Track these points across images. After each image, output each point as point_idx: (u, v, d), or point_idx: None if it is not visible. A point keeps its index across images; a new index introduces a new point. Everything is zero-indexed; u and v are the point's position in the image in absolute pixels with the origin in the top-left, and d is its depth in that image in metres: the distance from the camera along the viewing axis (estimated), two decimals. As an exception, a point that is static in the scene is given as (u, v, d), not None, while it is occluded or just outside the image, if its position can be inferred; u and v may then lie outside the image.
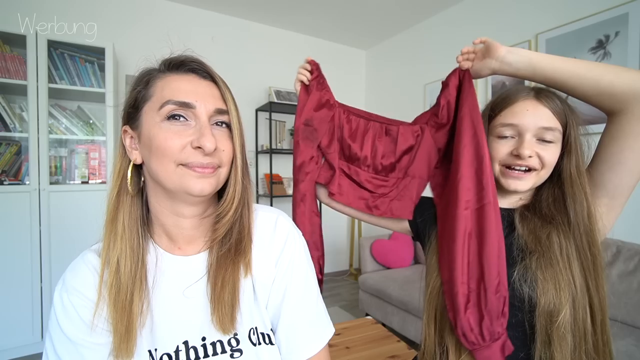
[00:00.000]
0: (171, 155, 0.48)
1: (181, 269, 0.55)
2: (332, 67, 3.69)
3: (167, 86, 0.50)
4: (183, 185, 0.49)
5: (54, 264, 2.11)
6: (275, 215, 0.63)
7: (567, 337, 0.58)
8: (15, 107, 2.15)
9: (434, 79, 3.03)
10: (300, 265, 0.61)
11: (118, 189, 0.53)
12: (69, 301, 0.50)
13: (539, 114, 0.64)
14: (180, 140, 0.48)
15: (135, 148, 0.53)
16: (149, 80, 0.52)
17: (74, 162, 2.30)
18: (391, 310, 2.33)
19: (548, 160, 0.64)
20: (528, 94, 0.67)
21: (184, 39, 2.82)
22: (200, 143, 0.48)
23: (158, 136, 0.48)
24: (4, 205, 2.00)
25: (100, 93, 2.27)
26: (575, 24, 2.07)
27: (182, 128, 0.49)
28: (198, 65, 0.53)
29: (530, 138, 0.64)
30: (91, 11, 2.50)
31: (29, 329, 2.06)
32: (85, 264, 0.53)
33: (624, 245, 1.76)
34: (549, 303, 0.59)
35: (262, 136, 3.27)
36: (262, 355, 0.55)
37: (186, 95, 0.49)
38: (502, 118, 0.68)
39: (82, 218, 2.16)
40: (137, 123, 0.52)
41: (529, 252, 0.64)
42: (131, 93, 0.53)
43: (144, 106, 0.51)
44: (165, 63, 0.53)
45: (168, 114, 0.49)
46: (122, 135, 0.54)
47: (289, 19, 3.19)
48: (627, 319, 1.63)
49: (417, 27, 3.25)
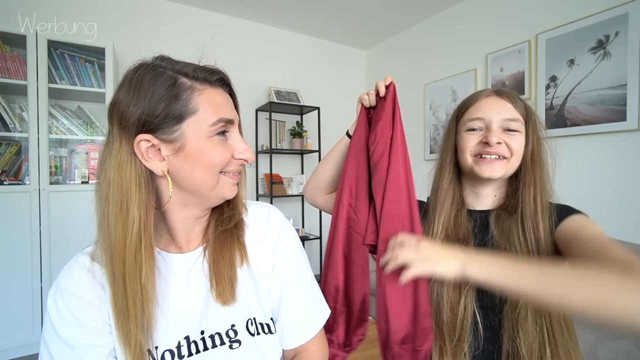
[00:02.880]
0: (221, 166, 0.52)
1: (179, 266, 0.57)
2: (332, 67, 3.69)
3: (211, 102, 0.51)
4: (221, 193, 0.54)
5: (54, 264, 2.11)
6: (266, 209, 0.67)
7: (529, 320, 0.61)
8: (15, 107, 2.15)
9: (434, 79, 3.03)
10: (295, 253, 0.66)
11: (138, 203, 0.47)
12: (64, 304, 0.50)
13: (501, 108, 0.69)
14: (228, 153, 0.53)
15: (159, 159, 0.49)
16: (179, 92, 0.48)
17: (74, 162, 2.30)
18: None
19: (515, 147, 0.68)
20: (490, 92, 0.72)
21: (184, 39, 2.82)
22: (244, 156, 0.55)
23: (212, 151, 0.51)
24: (4, 205, 2.00)
25: (100, 93, 2.27)
26: (575, 24, 2.07)
27: (224, 141, 0.53)
28: (227, 80, 0.55)
29: (497, 128, 0.69)
30: (91, 11, 2.49)
31: (28, 329, 2.06)
32: (79, 267, 0.53)
33: (623, 246, 1.76)
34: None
35: (262, 136, 3.27)
36: (261, 344, 0.57)
37: (229, 113, 0.53)
38: (469, 114, 0.73)
39: (82, 218, 2.16)
40: (176, 135, 0.49)
41: (502, 252, 0.66)
42: (153, 100, 0.47)
43: (187, 119, 0.49)
44: (194, 74, 0.50)
45: (219, 129, 0.51)
46: (132, 145, 0.48)
47: (289, 19, 3.19)
48: (627, 319, 1.63)
49: (417, 27, 3.25)
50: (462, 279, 0.53)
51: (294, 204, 3.44)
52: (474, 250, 0.56)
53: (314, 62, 3.58)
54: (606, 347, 1.43)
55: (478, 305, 0.66)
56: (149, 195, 0.49)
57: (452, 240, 0.71)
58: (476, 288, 0.66)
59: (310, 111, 3.37)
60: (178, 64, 0.51)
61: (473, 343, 0.66)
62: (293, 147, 3.27)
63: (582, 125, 2.03)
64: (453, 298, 0.67)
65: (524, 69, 2.33)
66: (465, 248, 0.59)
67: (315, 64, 3.58)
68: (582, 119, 2.03)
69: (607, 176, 1.96)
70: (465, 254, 0.54)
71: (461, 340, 0.65)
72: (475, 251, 0.56)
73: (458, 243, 0.69)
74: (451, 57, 2.90)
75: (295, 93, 3.29)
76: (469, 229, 0.72)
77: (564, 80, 2.12)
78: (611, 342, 1.46)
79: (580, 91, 2.04)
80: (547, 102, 2.20)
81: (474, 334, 0.66)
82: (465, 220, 0.73)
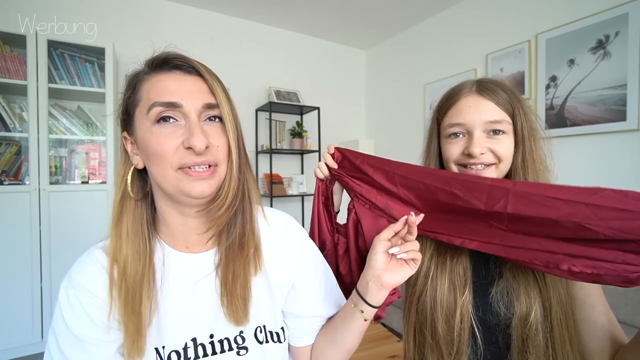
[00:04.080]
0: (168, 159, 0.47)
1: (189, 266, 0.55)
2: (332, 67, 3.69)
3: (152, 88, 0.48)
4: (183, 189, 0.48)
5: (54, 264, 2.11)
6: (284, 218, 0.65)
7: (539, 336, 0.58)
8: (15, 107, 2.15)
9: (434, 79, 3.03)
10: (319, 265, 0.66)
11: (122, 194, 0.53)
12: (75, 298, 0.49)
13: (482, 109, 0.62)
14: (172, 143, 0.47)
15: (136, 153, 0.53)
16: (136, 83, 0.51)
17: (74, 162, 2.30)
18: (391, 310, 2.33)
19: (501, 152, 0.62)
20: (470, 90, 0.64)
21: (184, 39, 2.82)
22: (190, 143, 0.47)
23: (151, 141, 0.47)
24: (4, 205, 2.00)
25: (100, 93, 2.27)
26: (575, 24, 2.07)
27: (173, 129, 0.48)
28: (181, 60, 0.50)
29: (480, 134, 0.62)
30: (91, 11, 2.49)
31: (29, 329, 2.06)
32: (92, 261, 0.52)
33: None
34: (522, 307, 0.59)
35: (262, 136, 3.27)
36: (269, 353, 0.56)
37: (172, 95, 0.47)
38: (448, 118, 0.66)
39: (82, 218, 2.16)
40: (132, 129, 0.51)
41: (506, 263, 0.63)
42: (122, 98, 0.52)
43: (135, 111, 0.50)
44: (149, 63, 0.51)
45: (157, 117, 0.47)
46: (122, 141, 0.54)
47: (289, 19, 3.19)
48: (627, 319, 1.63)
49: (417, 27, 3.25)
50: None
51: (294, 204, 3.44)
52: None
53: (314, 62, 3.58)
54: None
55: (477, 319, 0.62)
56: (133, 185, 0.54)
57: (444, 249, 0.68)
58: (473, 299, 0.63)
59: (310, 111, 3.37)
60: (151, 57, 0.52)
61: (472, 357, 0.63)
62: (293, 147, 3.27)
63: (582, 125, 2.03)
64: (448, 310, 0.63)
65: (524, 69, 2.34)
66: (460, 258, 0.63)
67: (315, 64, 3.58)
68: (582, 119, 2.03)
69: (607, 176, 1.96)
70: None
71: (460, 354, 0.62)
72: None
73: (451, 252, 0.67)
74: (451, 57, 2.90)
75: (295, 93, 3.29)
76: None
77: (564, 80, 2.12)
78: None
79: (580, 91, 2.04)
80: (547, 102, 2.20)
81: (472, 348, 0.62)
82: None
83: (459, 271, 0.65)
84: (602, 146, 1.98)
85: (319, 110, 3.28)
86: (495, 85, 0.63)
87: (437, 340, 0.64)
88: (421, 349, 0.69)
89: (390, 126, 3.54)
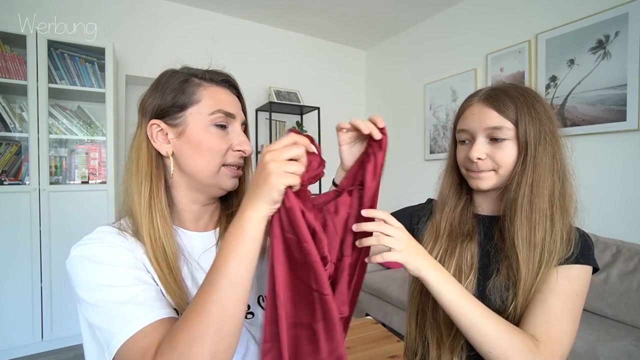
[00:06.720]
0: (219, 156, 0.57)
1: (197, 243, 0.62)
2: (332, 67, 3.69)
3: (214, 96, 0.58)
4: (219, 182, 0.59)
5: (54, 264, 2.11)
6: None
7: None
8: (15, 107, 2.15)
9: (434, 79, 3.03)
10: None
11: (150, 178, 0.56)
12: (108, 238, 0.52)
13: (483, 116, 0.65)
14: (226, 144, 0.58)
15: (166, 141, 0.58)
16: (187, 86, 0.58)
17: (74, 162, 2.30)
18: (391, 310, 2.33)
19: (500, 159, 0.64)
20: (479, 98, 0.68)
21: (184, 39, 2.82)
22: (243, 148, 0.60)
23: (209, 139, 0.57)
24: (4, 205, 2.00)
25: (100, 93, 2.27)
26: (575, 24, 2.07)
27: (224, 134, 0.59)
28: (233, 82, 0.63)
29: (482, 140, 0.66)
30: (91, 11, 2.49)
31: (29, 329, 2.06)
32: (107, 228, 0.55)
33: (623, 245, 1.76)
34: (510, 301, 0.62)
35: (262, 136, 3.27)
36: None
37: (230, 107, 0.59)
38: (459, 125, 0.71)
39: (82, 218, 2.16)
40: (179, 121, 0.57)
41: (504, 257, 0.65)
42: (166, 92, 0.57)
43: (190, 108, 0.57)
44: (206, 75, 0.60)
45: (217, 120, 0.57)
46: (146, 128, 0.57)
47: (289, 19, 3.19)
48: (627, 319, 1.63)
49: (417, 27, 3.25)
50: (417, 277, 0.57)
51: (294, 204, 3.44)
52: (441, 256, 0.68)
53: (314, 62, 3.58)
54: (606, 347, 1.43)
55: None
56: (159, 171, 0.58)
57: (455, 236, 0.71)
58: (475, 285, 0.66)
59: (310, 111, 3.37)
60: (193, 69, 0.61)
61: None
62: (293, 147, 3.27)
63: (582, 125, 2.03)
64: None
65: (524, 69, 2.34)
66: (469, 244, 0.66)
67: (315, 64, 3.58)
68: (582, 119, 2.03)
69: (607, 176, 1.96)
70: (428, 258, 0.58)
71: (458, 335, 0.65)
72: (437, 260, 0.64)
73: (462, 238, 0.70)
74: (451, 57, 2.90)
75: (295, 93, 3.29)
76: (474, 226, 0.71)
77: (564, 80, 2.12)
78: (611, 342, 1.46)
79: (580, 91, 2.04)
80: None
81: None
82: (470, 217, 0.72)
83: (467, 257, 0.68)
84: (602, 146, 1.98)
85: (319, 110, 3.28)
86: (503, 93, 0.65)
87: (438, 320, 0.68)
88: (422, 329, 0.73)
89: (390, 126, 3.46)
